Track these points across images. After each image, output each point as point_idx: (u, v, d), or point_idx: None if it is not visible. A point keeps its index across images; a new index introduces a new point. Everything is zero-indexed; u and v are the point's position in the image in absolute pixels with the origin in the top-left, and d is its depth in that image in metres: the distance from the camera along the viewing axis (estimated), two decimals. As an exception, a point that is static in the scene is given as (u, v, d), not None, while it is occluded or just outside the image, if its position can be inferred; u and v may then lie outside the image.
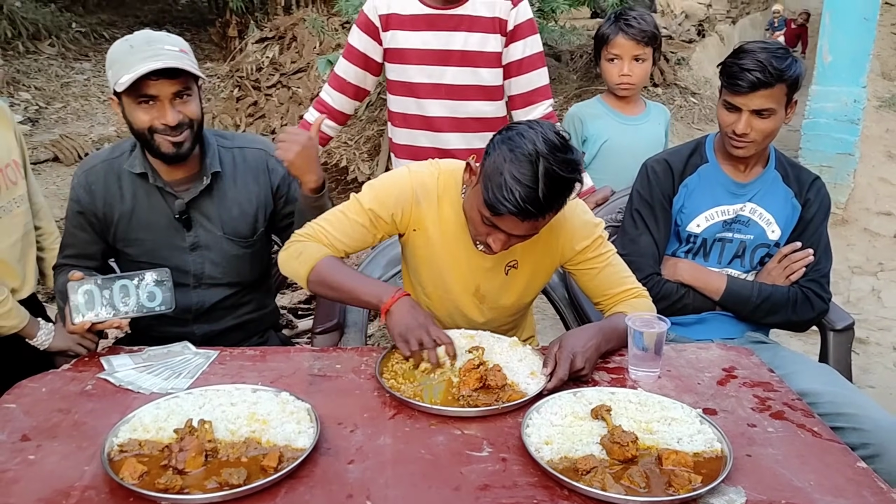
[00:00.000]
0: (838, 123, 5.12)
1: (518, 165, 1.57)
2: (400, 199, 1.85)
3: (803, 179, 2.20)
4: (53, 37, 9.68)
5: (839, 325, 2.20)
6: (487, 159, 1.65)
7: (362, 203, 1.85)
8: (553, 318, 3.74)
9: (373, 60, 2.51)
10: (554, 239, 1.86)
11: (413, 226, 1.88)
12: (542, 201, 1.57)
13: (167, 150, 1.84)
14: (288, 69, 7.53)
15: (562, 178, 1.58)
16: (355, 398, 1.61)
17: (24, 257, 2.10)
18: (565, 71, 7.73)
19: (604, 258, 1.89)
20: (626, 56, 2.60)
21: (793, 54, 2.01)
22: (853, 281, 4.45)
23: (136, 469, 1.30)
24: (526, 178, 1.56)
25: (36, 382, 1.66)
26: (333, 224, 1.86)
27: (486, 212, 1.64)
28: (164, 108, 1.80)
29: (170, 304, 1.81)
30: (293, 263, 1.83)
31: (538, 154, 1.56)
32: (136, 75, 1.73)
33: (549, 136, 1.60)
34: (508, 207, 1.57)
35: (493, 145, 1.65)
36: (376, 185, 1.89)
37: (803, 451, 1.44)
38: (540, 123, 1.65)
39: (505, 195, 1.57)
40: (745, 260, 2.21)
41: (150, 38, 1.82)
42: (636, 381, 1.71)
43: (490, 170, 1.62)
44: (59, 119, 7.94)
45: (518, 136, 1.60)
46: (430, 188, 1.86)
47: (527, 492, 1.31)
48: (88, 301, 1.75)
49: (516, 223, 1.62)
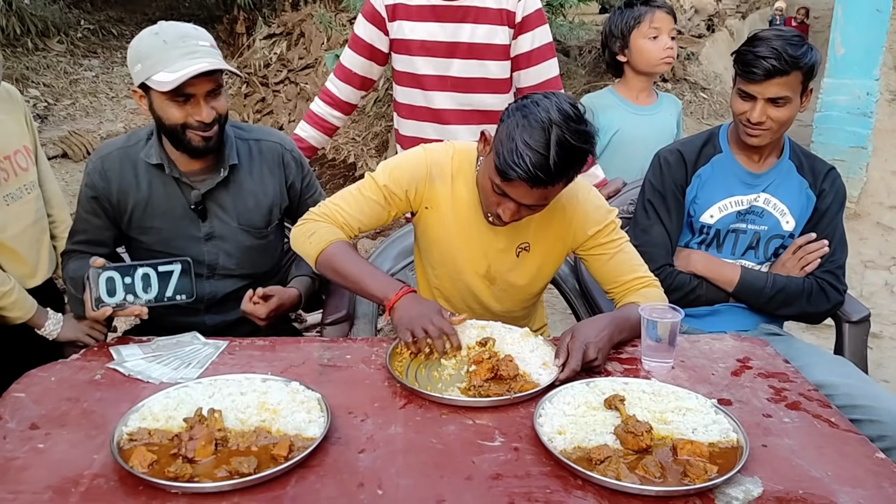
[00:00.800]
0: (851, 116, 5.07)
1: (530, 132, 1.57)
2: (414, 175, 1.85)
3: (818, 170, 2.18)
4: (62, 34, 9.71)
5: (855, 317, 2.17)
6: (501, 126, 1.65)
7: (377, 181, 1.86)
8: (562, 311, 3.73)
9: (379, 51, 2.50)
10: (566, 223, 1.85)
11: (426, 203, 1.88)
12: (552, 169, 1.57)
13: (198, 145, 1.84)
14: (296, 65, 7.53)
15: (573, 146, 1.58)
16: (366, 388, 1.59)
17: (37, 244, 2.09)
18: (574, 66, 7.69)
19: (616, 244, 1.88)
20: (666, 30, 2.60)
21: (808, 42, 1.98)
22: (866, 275, 4.41)
23: (145, 458, 1.28)
24: (538, 144, 1.56)
25: (45, 372, 1.65)
26: (348, 202, 1.87)
27: (497, 178, 1.63)
28: (200, 106, 1.80)
29: (190, 293, 1.80)
30: (304, 242, 1.84)
31: (551, 122, 1.56)
32: (183, 76, 1.71)
33: (564, 106, 1.60)
34: (519, 173, 1.57)
35: (508, 113, 1.65)
36: (391, 163, 1.90)
37: (820, 442, 1.42)
38: (556, 94, 1.65)
39: (516, 160, 1.57)
40: (759, 251, 2.18)
41: (181, 32, 1.79)
42: (649, 372, 1.69)
43: (503, 136, 1.62)
44: (67, 116, 7.97)
45: (533, 104, 1.60)
46: (444, 166, 1.86)
47: (540, 481, 1.29)
48: (110, 289, 1.74)
49: (526, 190, 1.62)
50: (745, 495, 1.25)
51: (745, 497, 1.25)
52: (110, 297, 1.75)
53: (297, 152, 2.09)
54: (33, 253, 2.08)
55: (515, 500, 1.24)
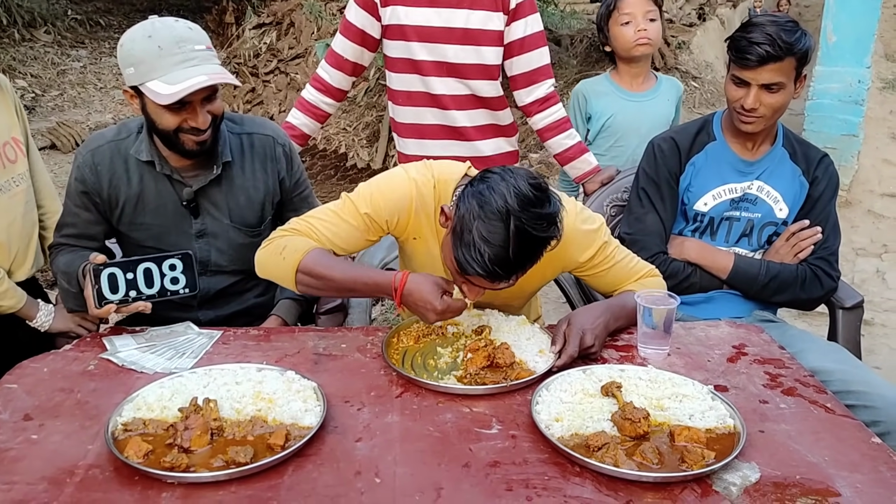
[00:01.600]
0: (842, 104, 5.08)
1: (487, 224, 1.45)
2: (398, 206, 1.74)
3: (811, 157, 2.18)
4: (49, 24, 9.62)
5: (848, 303, 2.18)
6: (457, 213, 1.52)
7: (357, 206, 1.73)
8: (556, 301, 3.73)
9: (370, 37, 2.48)
10: (556, 254, 1.70)
11: (413, 234, 1.79)
12: (511, 262, 1.47)
13: (191, 148, 1.81)
14: (286, 55, 7.49)
15: (534, 236, 1.47)
16: (361, 377, 1.59)
17: (26, 238, 2.06)
18: (565, 56, 7.68)
19: (610, 259, 1.82)
20: (639, 14, 2.59)
21: (802, 28, 1.97)
22: (857, 263, 4.43)
23: (140, 448, 1.28)
24: (495, 237, 1.45)
25: (37, 363, 1.64)
26: (324, 223, 1.74)
27: (457, 268, 1.54)
28: (196, 112, 1.76)
29: (193, 286, 1.78)
30: (276, 261, 1.70)
31: (509, 212, 1.44)
32: (181, 93, 1.67)
33: (522, 188, 1.47)
34: (476, 269, 1.47)
35: (464, 198, 1.52)
36: (373, 189, 1.76)
37: (817, 427, 1.43)
38: (514, 172, 1.51)
39: (473, 255, 1.46)
40: (753, 238, 2.18)
41: (176, 36, 1.71)
42: (646, 359, 1.69)
43: (459, 226, 1.50)
44: (55, 107, 7.90)
45: (488, 191, 1.47)
46: (427, 199, 1.75)
47: (537, 468, 1.29)
48: (112, 285, 1.72)
49: (487, 283, 1.53)
50: (743, 481, 1.26)
51: (743, 482, 1.25)
52: (113, 293, 1.73)
53: (288, 146, 2.05)
54: (22, 247, 2.05)
55: (513, 487, 1.24)
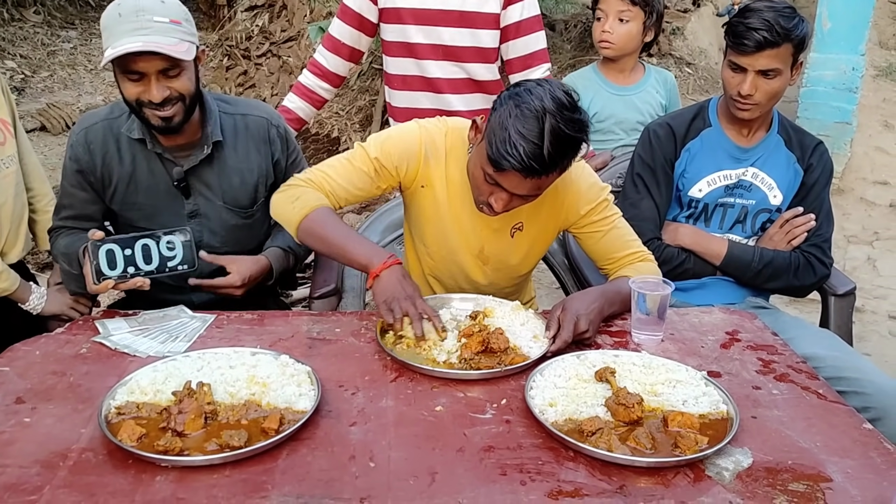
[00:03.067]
0: (836, 92, 5.08)
1: (524, 121, 1.53)
2: (407, 153, 1.81)
3: (806, 144, 2.18)
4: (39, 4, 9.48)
5: (840, 290, 2.19)
6: (493, 115, 1.61)
7: (368, 152, 1.80)
8: (549, 286, 3.74)
9: (367, 20, 2.46)
10: (559, 202, 1.83)
11: (421, 182, 1.84)
12: (546, 158, 1.53)
13: (156, 123, 1.79)
14: (278, 38, 7.42)
15: (567, 136, 1.54)
16: (356, 361, 1.59)
17: (17, 220, 2.05)
18: (559, 41, 7.65)
19: (609, 221, 1.86)
20: (611, 13, 2.55)
21: (800, 14, 1.97)
22: (849, 250, 4.45)
23: (134, 431, 1.27)
24: (531, 133, 1.52)
25: (29, 346, 1.63)
26: (337, 170, 1.81)
27: (490, 168, 1.60)
28: (150, 85, 1.74)
29: (192, 263, 1.78)
30: (287, 208, 1.77)
31: (545, 111, 1.53)
32: (115, 53, 1.66)
33: (558, 93, 1.56)
34: (512, 163, 1.54)
35: (501, 101, 1.61)
36: (383, 136, 1.84)
37: (809, 413, 1.43)
38: (549, 81, 1.61)
39: (509, 150, 1.53)
40: (747, 225, 2.18)
41: (139, 6, 1.70)
42: (639, 345, 1.69)
43: (495, 125, 1.58)
44: (45, 88, 7.81)
45: (526, 93, 1.56)
46: (438, 146, 1.82)
47: (531, 453, 1.29)
48: (111, 261, 1.72)
49: (520, 180, 1.59)
50: (736, 466, 1.26)
51: (735, 468, 1.26)
52: (111, 269, 1.73)
53: (283, 127, 2.04)
54: (13, 229, 2.04)
55: (507, 471, 1.24)
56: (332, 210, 1.78)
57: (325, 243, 1.74)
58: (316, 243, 1.77)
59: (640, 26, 2.58)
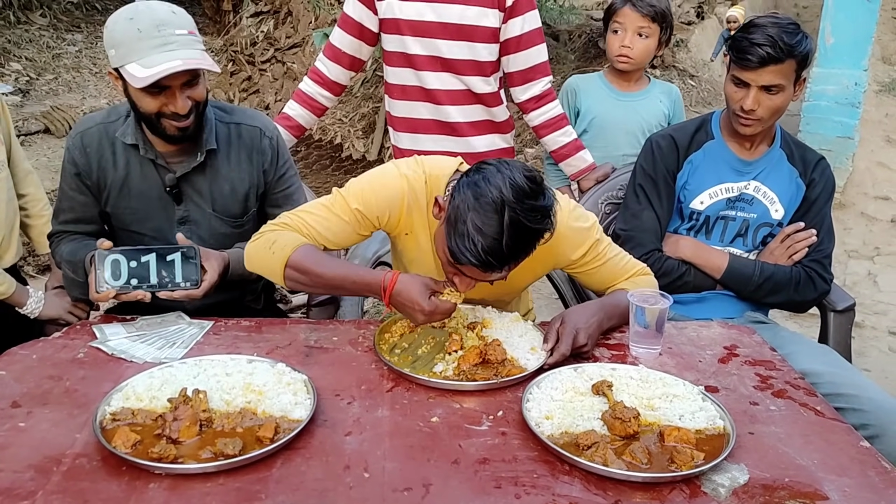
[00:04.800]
0: (839, 106, 5.08)
1: (482, 214, 1.46)
2: (389, 203, 1.74)
3: (808, 159, 2.18)
4: (45, 7, 9.52)
5: (840, 306, 2.18)
6: (452, 203, 1.53)
7: (348, 202, 1.73)
8: (548, 297, 3.73)
9: (368, 30, 2.47)
10: (548, 250, 1.70)
11: (404, 230, 1.79)
12: (505, 253, 1.47)
13: (172, 133, 1.79)
14: (283, 44, 7.44)
15: (528, 228, 1.47)
16: (352, 370, 1.58)
17: (8, 225, 2.06)
18: (563, 51, 7.65)
19: (602, 256, 1.81)
20: (630, 28, 2.55)
21: (803, 30, 1.97)
22: (850, 265, 4.44)
23: (129, 438, 1.27)
24: (490, 228, 1.45)
25: (26, 350, 1.63)
26: (316, 217, 1.73)
27: (450, 257, 1.54)
28: (175, 97, 1.74)
29: (195, 282, 1.77)
30: (264, 255, 1.68)
31: (504, 202, 1.45)
32: (155, 75, 1.65)
33: (518, 180, 1.47)
34: (469, 259, 1.47)
35: (459, 188, 1.52)
36: (364, 185, 1.75)
37: (806, 430, 1.43)
38: (509, 165, 1.52)
39: (467, 245, 1.46)
40: (748, 239, 2.18)
41: (157, 19, 1.69)
42: (637, 358, 1.69)
43: (454, 216, 1.50)
44: (50, 90, 7.83)
45: (484, 182, 1.48)
46: (419, 195, 1.75)
47: (527, 466, 1.29)
48: (115, 271, 1.73)
49: (479, 273, 1.53)
50: (732, 482, 1.26)
51: (732, 484, 1.25)
52: (115, 280, 1.73)
53: (276, 139, 2.02)
54: (6, 233, 2.05)
55: (502, 484, 1.24)
56: (315, 247, 1.70)
57: (319, 280, 1.66)
58: (308, 283, 1.68)
59: (657, 42, 2.60)
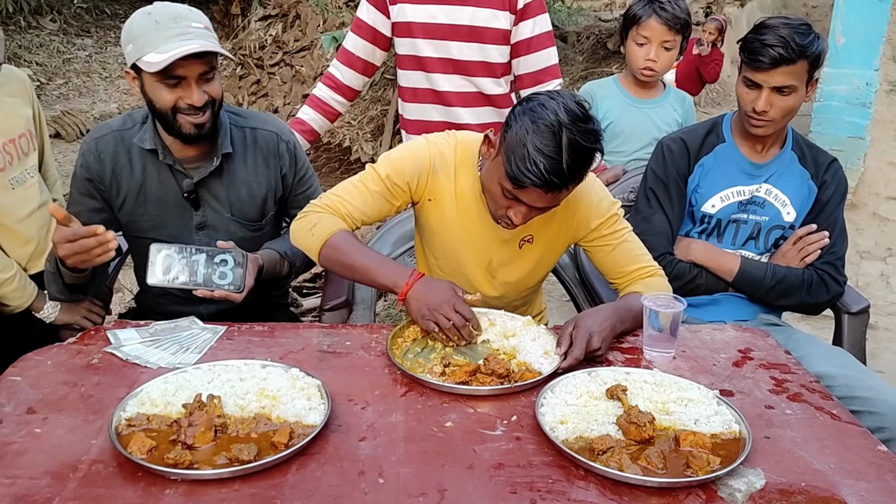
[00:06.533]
0: (850, 107, 5.05)
1: (541, 136, 1.55)
2: (417, 167, 1.83)
3: (820, 161, 2.17)
4: (55, 12, 9.58)
5: (854, 308, 2.17)
6: (509, 131, 1.62)
7: (379, 172, 1.83)
8: (560, 299, 3.72)
9: (381, 34, 2.48)
10: (570, 215, 1.84)
11: (429, 195, 1.86)
12: (566, 172, 1.56)
13: (188, 131, 1.81)
14: (291, 47, 7.46)
15: (584, 147, 1.57)
16: (366, 375, 1.58)
17: (45, 227, 2.10)
18: (571, 53, 7.65)
19: (619, 235, 1.87)
20: (656, 41, 2.54)
21: (815, 31, 1.96)
22: (862, 266, 4.42)
23: (144, 444, 1.27)
24: (549, 149, 1.54)
25: (41, 356, 1.63)
26: (351, 193, 1.83)
27: (509, 184, 1.61)
28: (191, 89, 1.76)
29: (239, 286, 1.81)
30: (305, 236, 1.80)
31: (560, 124, 1.54)
32: (170, 57, 1.68)
33: (571, 105, 1.58)
34: (533, 179, 1.55)
35: (515, 116, 1.62)
36: (393, 154, 1.87)
37: (822, 434, 1.42)
38: (560, 93, 1.62)
39: (529, 167, 1.54)
40: (760, 242, 2.17)
41: (174, 13, 1.75)
42: (651, 362, 1.68)
43: (512, 142, 1.59)
44: (60, 95, 7.88)
45: (540, 107, 1.58)
46: (447, 159, 1.83)
47: (542, 471, 1.28)
48: (166, 266, 1.78)
49: (540, 195, 1.61)
50: (748, 487, 1.25)
51: (748, 489, 1.25)
52: (165, 273, 1.78)
53: (293, 143, 2.04)
54: (42, 237, 2.08)
55: (517, 489, 1.23)
56: (351, 233, 1.81)
57: (348, 268, 1.77)
58: (338, 268, 1.80)
59: (678, 50, 2.60)
